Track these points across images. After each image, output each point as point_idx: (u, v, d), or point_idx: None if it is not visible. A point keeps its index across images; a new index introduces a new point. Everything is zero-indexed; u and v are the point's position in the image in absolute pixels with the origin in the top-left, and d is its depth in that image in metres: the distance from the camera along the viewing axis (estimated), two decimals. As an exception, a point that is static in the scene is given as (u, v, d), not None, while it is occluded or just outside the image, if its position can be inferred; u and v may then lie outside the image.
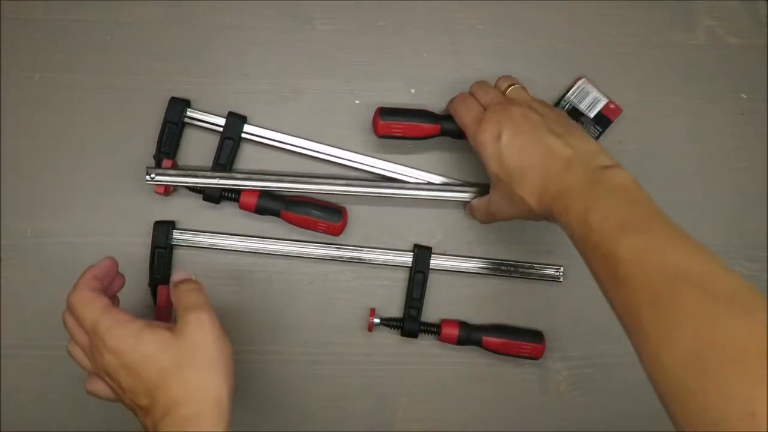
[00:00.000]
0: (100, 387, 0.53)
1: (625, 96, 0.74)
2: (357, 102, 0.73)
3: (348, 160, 0.71)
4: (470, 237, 0.73)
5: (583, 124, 0.72)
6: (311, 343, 0.72)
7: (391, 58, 0.74)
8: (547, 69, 0.74)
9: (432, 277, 0.71)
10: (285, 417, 0.71)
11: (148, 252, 0.69)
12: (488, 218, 0.65)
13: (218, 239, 0.70)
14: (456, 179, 0.72)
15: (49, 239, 0.70)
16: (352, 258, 0.71)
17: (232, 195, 0.69)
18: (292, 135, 0.71)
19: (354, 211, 0.71)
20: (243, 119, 0.70)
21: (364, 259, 0.71)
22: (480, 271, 0.72)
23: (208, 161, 0.70)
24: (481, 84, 0.66)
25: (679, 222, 0.47)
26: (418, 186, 0.70)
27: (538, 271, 0.72)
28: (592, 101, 0.70)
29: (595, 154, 0.54)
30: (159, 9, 0.73)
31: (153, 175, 0.67)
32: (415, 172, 0.71)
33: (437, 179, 0.72)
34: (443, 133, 0.68)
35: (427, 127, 0.67)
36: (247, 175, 0.69)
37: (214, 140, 0.70)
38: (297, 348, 0.71)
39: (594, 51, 0.75)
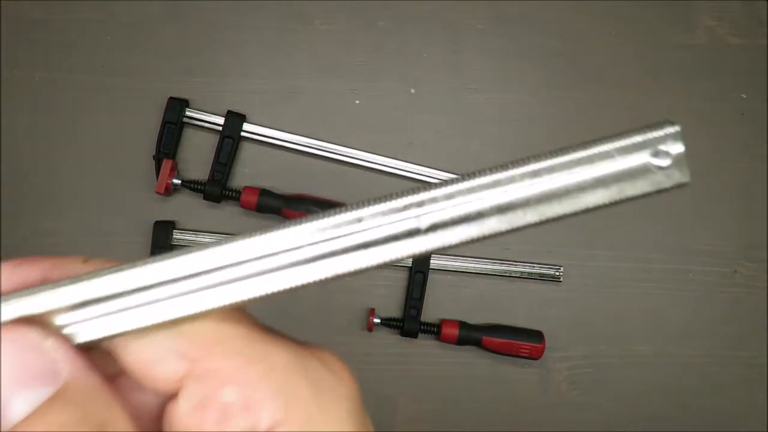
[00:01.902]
0: None
1: (626, 96, 0.74)
2: (357, 102, 0.73)
3: (349, 156, 0.71)
4: (470, 237, 0.73)
5: None
6: (311, 342, 0.71)
7: (391, 58, 0.74)
8: (547, 69, 0.74)
9: (432, 277, 0.71)
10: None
11: (148, 252, 0.69)
12: None
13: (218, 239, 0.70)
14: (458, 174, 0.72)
15: (49, 239, 0.70)
16: (352, 258, 0.71)
17: (233, 194, 0.69)
18: (292, 133, 0.71)
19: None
20: (242, 118, 0.70)
21: (364, 259, 0.71)
22: (480, 271, 0.72)
23: (208, 161, 0.70)
24: None
25: (679, 221, 0.47)
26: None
27: (538, 271, 0.72)
28: None
29: None
30: (159, 9, 0.73)
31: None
32: (417, 168, 0.71)
33: (438, 174, 0.72)
34: None
35: None
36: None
37: (214, 139, 0.70)
38: (297, 348, 0.71)
39: (594, 51, 0.75)
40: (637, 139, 0.20)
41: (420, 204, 0.20)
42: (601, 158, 0.20)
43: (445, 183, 0.20)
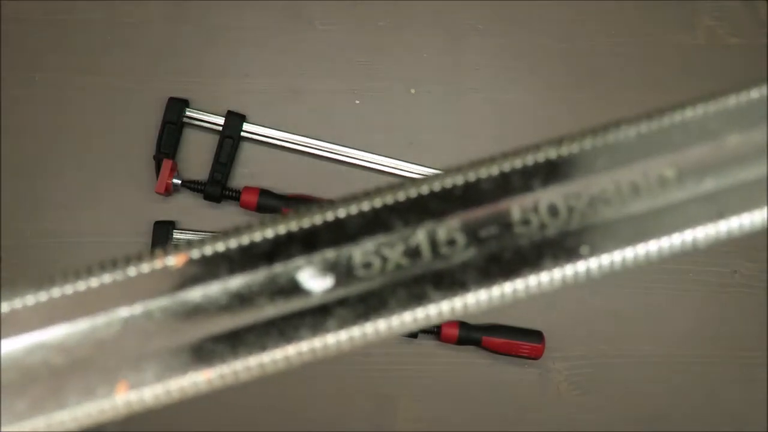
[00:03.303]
0: None
1: (626, 96, 0.74)
2: (357, 102, 0.73)
3: (349, 156, 0.71)
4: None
5: None
6: None
7: (391, 58, 0.74)
8: (547, 69, 0.74)
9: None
10: (285, 417, 0.71)
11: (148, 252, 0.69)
12: None
13: (218, 239, 0.70)
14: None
15: (49, 239, 0.70)
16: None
17: (233, 194, 0.69)
18: (292, 133, 0.71)
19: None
20: (242, 118, 0.70)
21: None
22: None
23: (208, 161, 0.70)
24: None
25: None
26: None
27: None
28: None
29: None
30: (159, 9, 0.73)
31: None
32: (417, 168, 0.71)
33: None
34: None
35: None
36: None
37: (214, 140, 0.70)
38: (297, 348, 0.71)
39: (594, 51, 0.75)
40: (761, 93, 0.10)
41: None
42: (696, 134, 0.09)
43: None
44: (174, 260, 0.12)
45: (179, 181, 0.69)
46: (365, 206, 0.11)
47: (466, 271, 0.11)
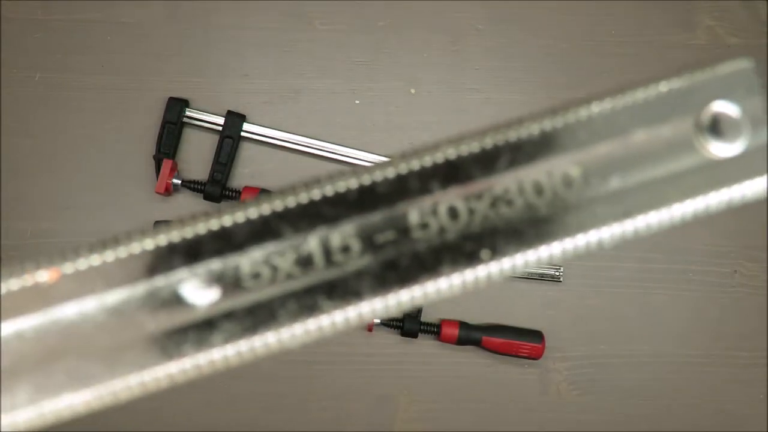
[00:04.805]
0: None
1: (625, 96, 0.74)
2: (357, 102, 0.73)
3: (349, 156, 0.71)
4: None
5: None
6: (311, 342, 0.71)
7: (391, 58, 0.74)
8: (547, 69, 0.74)
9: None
10: (285, 417, 0.71)
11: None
12: None
13: (218, 239, 0.70)
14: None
15: (49, 239, 0.70)
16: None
17: (233, 194, 0.69)
18: (292, 132, 0.71)
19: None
20: (242, 118, 0.70)
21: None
22: (480, 271, 0.72)
23: (208, 161, 0.70)
24: None
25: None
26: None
27: (538, 271, 0.72)
28: None
29: None
30: (159, 9, 0.73)
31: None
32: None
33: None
34: None
35: None
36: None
37: (214, 139, 0.70)
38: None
39: (594, 51, 0.75)
40: (670, 86, 0.10)
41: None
42: (602, 130, 0.10)
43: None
44: (46, 276, 0.11)
45: (179, 181, 0.69)
46: (252, 213, 0.11)
47: (361, 279, 0.11)
